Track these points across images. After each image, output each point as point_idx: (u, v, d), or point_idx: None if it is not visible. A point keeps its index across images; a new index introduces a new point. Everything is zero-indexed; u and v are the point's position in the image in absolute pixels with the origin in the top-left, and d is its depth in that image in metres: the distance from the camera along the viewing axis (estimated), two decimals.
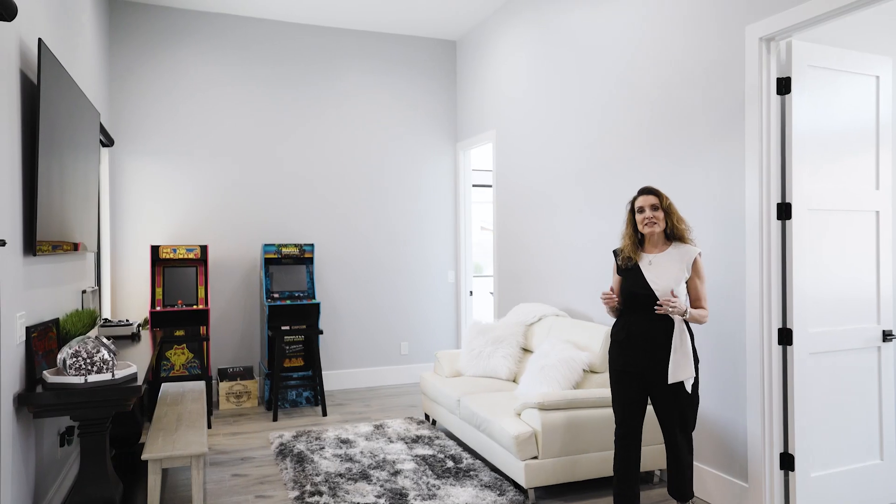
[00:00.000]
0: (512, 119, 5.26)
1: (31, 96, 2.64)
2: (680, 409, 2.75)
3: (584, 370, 3.62)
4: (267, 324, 5.09)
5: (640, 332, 2.77)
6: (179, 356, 4.81)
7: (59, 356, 2.56)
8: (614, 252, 2.94)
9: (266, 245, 5.34)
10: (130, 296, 5.11)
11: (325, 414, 4.96)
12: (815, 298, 3.00)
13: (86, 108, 3.49)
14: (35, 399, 2.44)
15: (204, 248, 5.05)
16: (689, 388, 2.71)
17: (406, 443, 4.19)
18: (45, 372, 2.56)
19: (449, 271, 6.30)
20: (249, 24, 5.53)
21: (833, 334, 3.04)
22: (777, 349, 2.99)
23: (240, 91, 5.49)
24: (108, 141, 4.75)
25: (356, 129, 5.92)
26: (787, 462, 2.97)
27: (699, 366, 2.87)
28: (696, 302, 2.81)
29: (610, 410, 3.36)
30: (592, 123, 4.21)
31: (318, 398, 5.15)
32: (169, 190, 5.26)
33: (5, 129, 2.35)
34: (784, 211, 2.97)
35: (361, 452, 3.99)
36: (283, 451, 4.01)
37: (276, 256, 5.36)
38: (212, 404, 5.01)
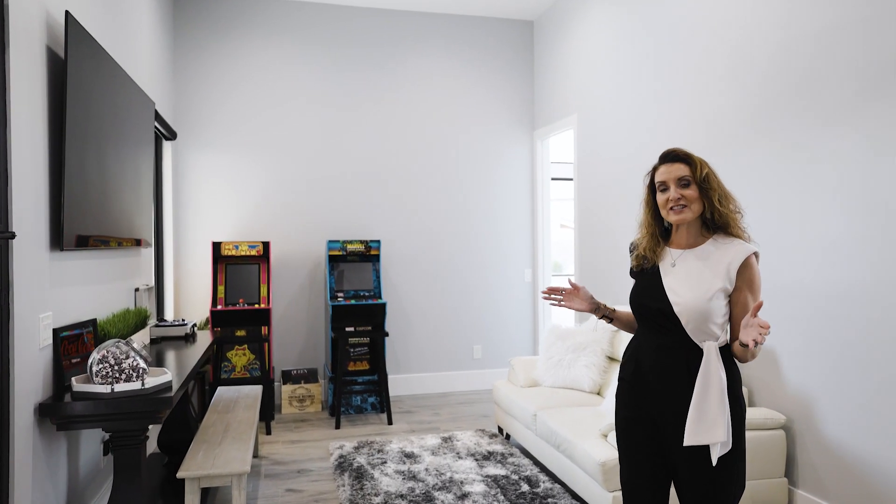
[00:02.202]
0: (596, 102, 4.71)
1: (60, 77, 2.42)
2: (703, 491, 1.77)
3: None
4: (330, 324, 4.82)
5: (652, 364, 1.86)
6: (241, 357, 4.62)
7: (88, 361, 2.32)
8: (630, 247, 2.03)
9: (330, 241, 5.07)
10: (194, 294, 4.98)
11: (390, 422, 4.62)
12: None
13: (136, 95, 3.29)
14: (58, 409, 2.21)
15: (266, 245, 4.84)
16: (714, 459, 1.72)
17: (476, 460, 3.76)
18: (73, 378, 2.33)
19: (526, 269, 5.81)
20: (315, 9, 5.28)
21: None
22: None
23: (304, 82, 5.26)
24: (170, 134, 4.62)
25: (425, 118, 5.55)
26: None
27: (742, 426, 1.79)
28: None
29: None
30: (693, 101, 3.61)
31: (383, 405, 4.81)
32: (232, 184, 5.10)
33: (24, 110, 2.13)
34: None
35: (426, 470, 3.60)
36: (343, 465, 3.69)
37: (340, 253, 5.08)
38: (274, 408, 4.80)
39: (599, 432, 2.99)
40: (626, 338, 3.78)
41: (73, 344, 2.46)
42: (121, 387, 2.25)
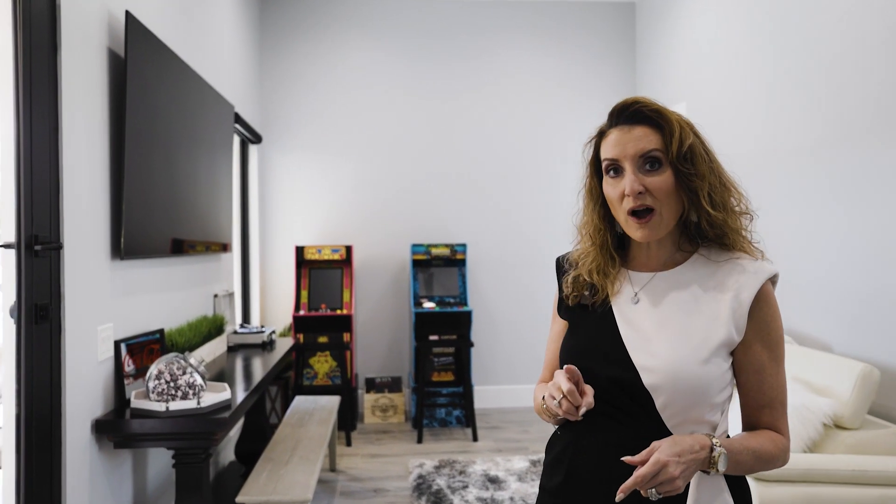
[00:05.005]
0: (707, 88, 4.15)
1: (123, 80, 2.33)
2: None
3: (823, 424, 2.50)
4: (414, 332, 4.60)
5: (594, 474, 1.08)
6: (323, 364, 4.51)
7: (146, 376, 2.22)
8: (559, 265, 1.27)
9: (414, 245, 4.85)
10: (279, 299, 4.95)
11: (475, 439, 4.32)
12: None
13: (211, 98, 3.22)
14: (114, 427, 2.11)
15: (349, 249, 4.71)
16: None
17: None
18: (133, 393, 2.23)
19: None
20: (402, 3, 5.09)
21: None
22: None
23: (391, 80, 5.08)
24: (255, 138, 4.60)
25: (517, 113, 5.20)
26: None
27: None
28: (758, 412, 1.08)
29: (872, 491, 2.24)
30: (828, 82, 3.01)
31: (469, 419, 4.52)
32: (316, 186, 5.01)
33: (81, 116, 2.04)
34: None
35: (511, 499, 3.27)
36: (421, 487, 3.44)
37: (425, 258, 4.85)
38: (356, 417, 4.66)
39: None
40: None
41: (136, 356, 2.37)
42: (176, 405, 2.12)
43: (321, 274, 4.70)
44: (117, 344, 2.25)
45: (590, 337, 1.14)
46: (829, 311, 3.01)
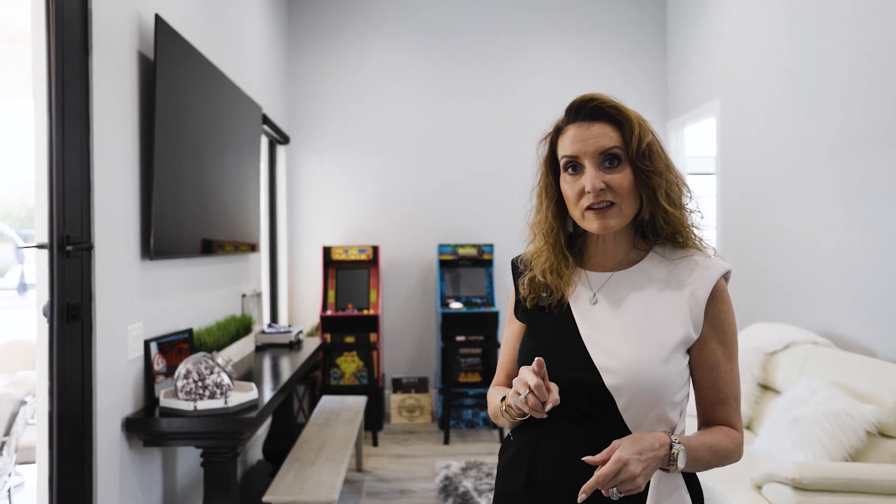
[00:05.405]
0: (743, 83, 4.03)
1: (153, 83, 2.35)
2: None
3: (867, 432, 2.40)
4: (440, 333, 4.58)
5: (556, 476, 1.06)
6: (349, 364, 4.52)
7: (174, 376, 2.24)
8: (514, 266, 1.31)
9: (441, 245, 4.83)
10: (306, 298, 4.98)
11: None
12: None
13: (239, 100, 3.25)
14: (143, 425, 2.13)
15: (376, 249, 4.71)
16: None
17: None
18: (162, 392, 2.25)
19: None
20: (429, 3, 5.07)
21: None
22: None
23: (418, 80, 5.07)
24: (282, 138, 4.64)
25: (544, 114, 5.08)
26: None
27: None
28: (713, 408, 1.08)
29: None
30: (875, 72, 2.89)
31: None
32: (343, 187, 5.03)
33: (113, 118, 2.06)
34: None
35: None
36: (447, 488, 3.41)
37: (451, 258, 4.83)
38: (382, 417, 4.66)
39: (751, 482, 2.44)
40: (786, 365, 3.12)
41: (166, 355, 2.40)
42: (204, 404, 2.13)
43: (348, 274, 4.71)
44: (147, 343, 2.28)
45: (549, 339, 1.12)
46: (874, 315, 2.88)
